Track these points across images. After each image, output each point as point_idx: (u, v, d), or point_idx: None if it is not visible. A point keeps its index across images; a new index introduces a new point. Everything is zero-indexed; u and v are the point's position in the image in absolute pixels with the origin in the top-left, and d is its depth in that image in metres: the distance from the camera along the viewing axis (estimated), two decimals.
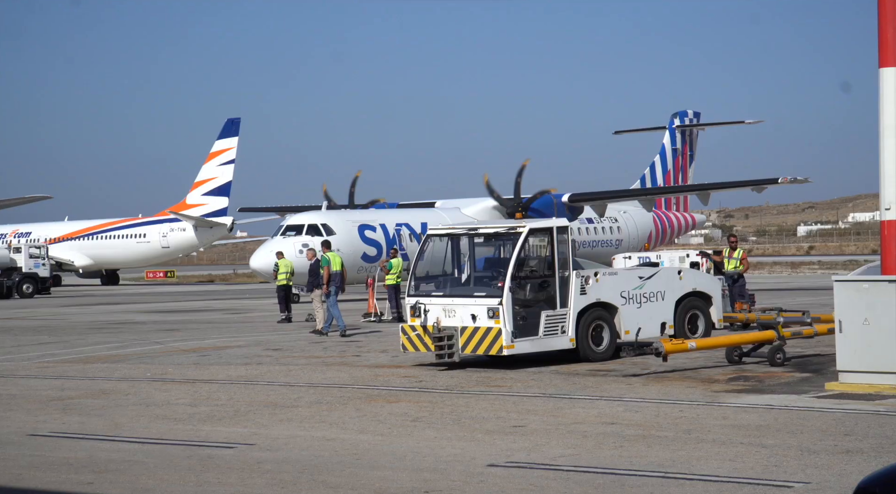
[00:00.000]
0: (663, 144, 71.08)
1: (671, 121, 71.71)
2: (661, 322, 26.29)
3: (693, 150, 72.53)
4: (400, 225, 57.33)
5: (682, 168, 71.70)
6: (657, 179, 70.29)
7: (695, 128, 72.23)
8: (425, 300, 24.83)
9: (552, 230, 24.83)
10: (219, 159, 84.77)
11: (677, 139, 71.29)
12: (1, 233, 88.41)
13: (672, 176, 70.94)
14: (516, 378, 22.83)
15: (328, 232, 53.17)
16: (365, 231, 55.39)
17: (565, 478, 13.61)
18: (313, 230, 53.41)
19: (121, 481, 14.09)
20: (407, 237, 56.77)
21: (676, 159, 71.32)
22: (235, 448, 16.06)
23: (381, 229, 56.06)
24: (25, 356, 29.80)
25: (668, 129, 71.37)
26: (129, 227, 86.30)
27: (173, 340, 33.64)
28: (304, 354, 28.47)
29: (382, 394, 21.01)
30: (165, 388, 22.61)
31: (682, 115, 72.03)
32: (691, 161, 72.36)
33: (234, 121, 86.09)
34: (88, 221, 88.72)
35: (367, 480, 13.77)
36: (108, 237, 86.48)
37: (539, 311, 24.44)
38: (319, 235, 52.54)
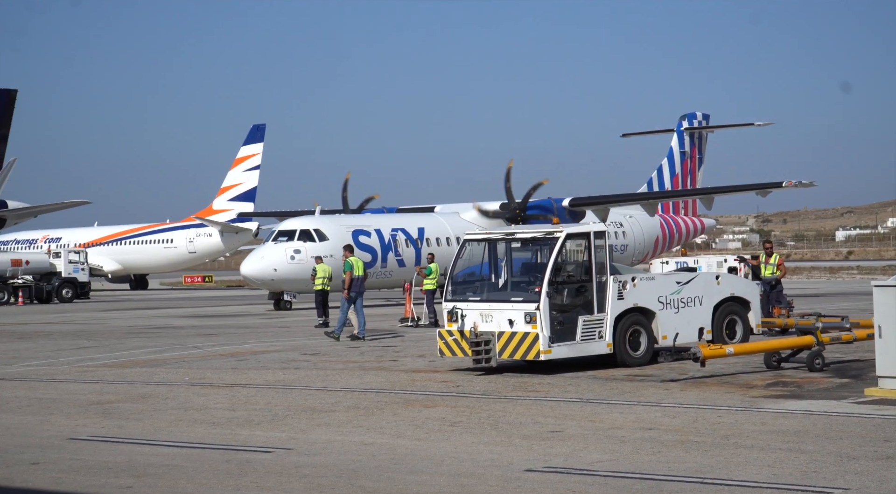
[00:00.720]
0: (671, 147, 70.03)
1: (679, 123, 70.64)
2: (699, 327, 26.20)
3: (702, 153, 71.40)
4: (396, 230, 56.24)
5: (690, 171, 70.53)
6: (665, 183, 69.13)
7: (704, 131, 71.11)
8: (462, 305, 24.83)
9: (589, 235, 24.80)
10: (244, 165, 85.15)
11: (686, 142, 70.21)
12: (32, 239, 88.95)
13: (680, 179, 69.81)
14: (553, 383, 22.81)
15: (321, 237, 52.57)
16: (359, 236, 54.25)
17: (603, 483, 13.59)
18: (305, 235, 52.61)
19: (160, 485, 14.16)
20: (403, 243, 55.89)
21: (685, 162, 70.22)
22: (273, 452, 16.11)
23: (376, 234, 55.02)
24: (65, 360, 29.98)
25: (676, 132, 70.30)
26: (156, 233, 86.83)
27: (211, 345, 33.76)
28: (342, 359, 28.53)
29: (420, 399, 21.03)
30: (204, 393, 22.70)
31: (691, 117, 70.93)
32: (700, 164, 71.20)
33: (260, 127, 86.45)
34: (117, 226, 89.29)
35: (405, 485, 13.79)
36: (136, 242, 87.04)
37: (576, 316, 24.41)
38: (312, 241, 52.15)
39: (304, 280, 51.36)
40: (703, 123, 71.15)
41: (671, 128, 71.06)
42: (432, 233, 57.38)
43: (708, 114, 71.80)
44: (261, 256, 52.63)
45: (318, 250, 51.72)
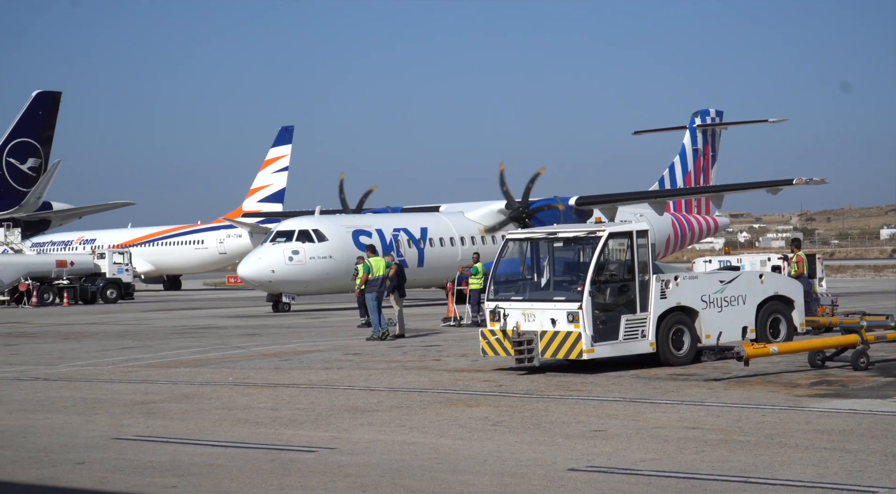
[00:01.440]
0: (683, 145, 69.13)
1: (692, 120, 69.69)
2: (743, 326, 26.08)
3: (715, 151, 70.42)
4: (398, 230, 55.14)
5: (703, 169, 69.60)
6: (677, 181, 68.20)
7: (717, 128, 70.09)
8: (505, 304, 24.82)
9: (632, 234, 24.75)
10: (273, 166, 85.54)
11: (698, 139, 69.26)
12: (67, 240, 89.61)
13: (693, 177, 68.82)
14: (596, 382, 22.77)
15: (320, 237, 51.76)
16: (360, 236, 53.02)
17: (646, 483, 13.56)
18: (304, 236, 51.73)
19: (204, 484, 14.23)
20: (405, 243, 54.79)
21: (698, 160, 69.30)
22: (317, 451, 16.16)
23: (377, 234, 53.83)
24: (110, 360, 30.16)
25: (689, 129, 69.38)
26: (187, 234, 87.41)
27: (254, 345, 33.88)
28: (384, 358, 28.57)
29: (462, 398, 21.04)
30: (247, 392, 22.79)
31: (704, 114, 69.94)
32: (713, 161, 70.23)
33: (288, 129, 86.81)
34: (150, 228, 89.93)
35: (448, 484, 13.80)
36: (168, 243, 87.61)
37: (619, 315, 24.35)
38: (311, 241, 51.40)
39: (303, 281, 51.20)
40: (716, 120, 70.17)
41: (683, 126, 70.17)
42: (436, 233, 56.35)
43: (721, 111, 70.89)
44: (258, 257, 51.56)
45: (318, 251, 51.24)
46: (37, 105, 76.33)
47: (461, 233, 56.98)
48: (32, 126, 75.97)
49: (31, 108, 76.13)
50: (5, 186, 74.99)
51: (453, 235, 56.81)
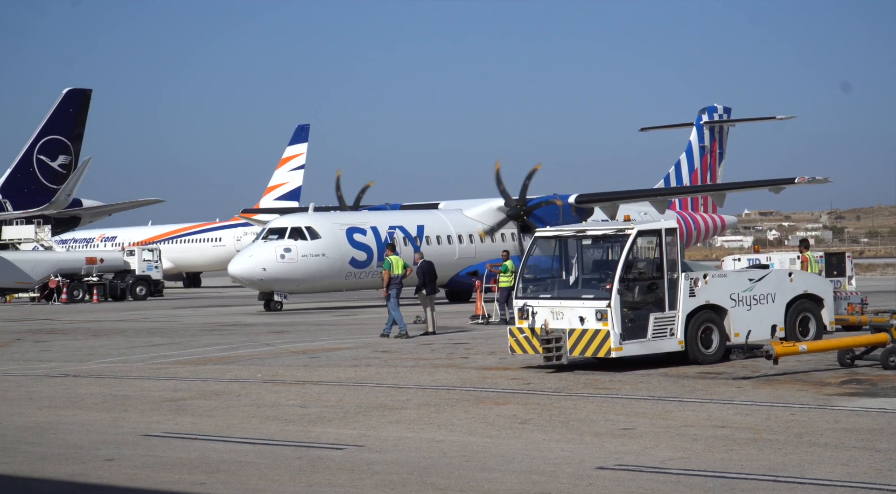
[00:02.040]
0: (690, 142, 68.32)
1: (699, 117, 68.96)
2: (772, 324, 25.98)
3: (723, 148, 69.59)
4: (393, 227, 53.94)
5: (710, 167, 68.76)
6: (683, 178, 67.36)
7: (724, 125, 69.30)
8: (533, 302, 24.80)
9: (661, 232, 24.71)
10: (290, 164, 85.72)
11: (705, 136, 68.50)
12: (89, 237, 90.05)
13: (700, 175, 68.06)
14: (625, 380, 22.74)
15: (313, 235, 50.92)
16: (354, 234, 52.27)
17: (675, 481, 13.54)
18: (297, 233, 50.87)
19: (232, 482, 14.27)
20: (401, 240, 53.45)
21: (704, 157, 68.49)
22: (345, 449, 16.18)
23: (371, 232, 52.84)
24: (139, 357, 30.27)
25: (696, 126, 68.62)
26: (206, 231, 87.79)
27: (283, 342, 33.95)
28: (413, 356, 28.59)
29: (491, 396, 21.04)
30: (276, 390, 22.84)
31: (711, 111, 69.12)
32: (721, 159, 69.44)
33: (304, 127, 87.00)
34: (169, 226, 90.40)
35: (476, 482, 13.80)
36: (187, 241, 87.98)
37: (647, 313, 24.31)
38: (304, 239, 50.60)
39: (295, 279, 50.45)
40: (724, 117, 69.35)
41: (690, 122, 69.40)
42: (433, 230, 55.36)
43: (729, 108, 70.11)
44: (249, 255, 50.77)
45: (311, 249, 50.61)
46: (67, 102, 76.66)
47: (459, 230, 56.12)
48: (63, 123, 76.32)
49: (62, 106, 76.47)
50: (36, 183, 75.36)
51: (451, 233, 55.87)
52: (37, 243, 71.93)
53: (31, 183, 75.35)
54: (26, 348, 34.02)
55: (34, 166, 75.56)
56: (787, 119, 69.61)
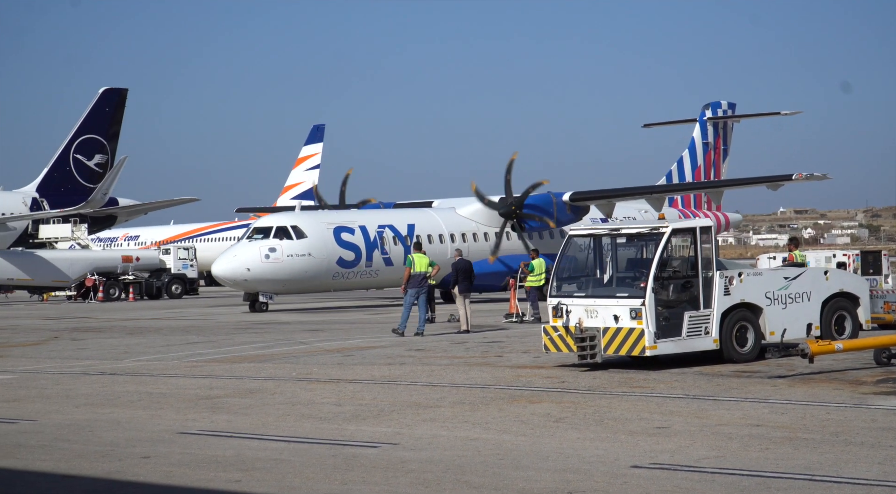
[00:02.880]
0: (693, 138, 67.28)
1: (702, 112, 67.87)
2: (807, 323, 25.89)
3: (727, 144, 68.47)
4: (383, 226, 52.87)
5: (714, 163, 67.58)
6: (685, 176, 66.30)
7: (729, 120, 68.21)
8: (567, 300, 24.78)
9: (695, 230, 24.65)
10: (306, 164, 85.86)
11: (709, 132, 67.36)
12: (113, 237, 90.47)
13: (703, 171, 66.88)
14: (659, 379, 22.70)
15: (298, 234, 49.96)
16: (341, 234, 51.23)
17: (710, 480, 13.52)
18: (282, 233, 49.89)
19: (267, 479, 14.33)
20: (391, 240, 52.65)
21: (708, 154, 67.34)
22: (379, 447, 16.22)
23: (360, 231, 51.81)
24: (175, 355, 30.40)
25: (699, 122, 67.53)
26: (225, 230, 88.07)
27: (317, 340, 34.02)
28: (447, 354, 28.61)
29: (525, 395, 21.04)
30: (311, 388, 22.90)
31: (715, 107, 67.99)
32: (725, 156, 68.34)
33: (319, 127, 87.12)
34: (190, 225, 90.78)
35: (511, 480, 13.81)
36: (207, 240, 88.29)
37: (682, 312, 24.26)
38: (289, 238, 49.66)
39: (280, 280, 49.51)
40: (727, 113, 68.28)
41: (693, 118, 68.40)
42: (424, 229, 54.20)
43: (734, 103, 69.05)
44: (233, 255, 49.79)
45: (296, 248, 49.80)
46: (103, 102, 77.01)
47: (451, 229, 55.12)
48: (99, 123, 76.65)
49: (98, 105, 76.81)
50: (72, 182, 75.71)
51: (443, 232, 54.84)
52: (73, 242, 72.27)
53: (67, 182, 75.71)
54: (63, 346, 34.23)
55: (71, 165, 75.91)
56: (792, 114, 68.51)
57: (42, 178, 75.61)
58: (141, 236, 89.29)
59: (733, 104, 69.10)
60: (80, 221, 73.03)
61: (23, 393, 23.22)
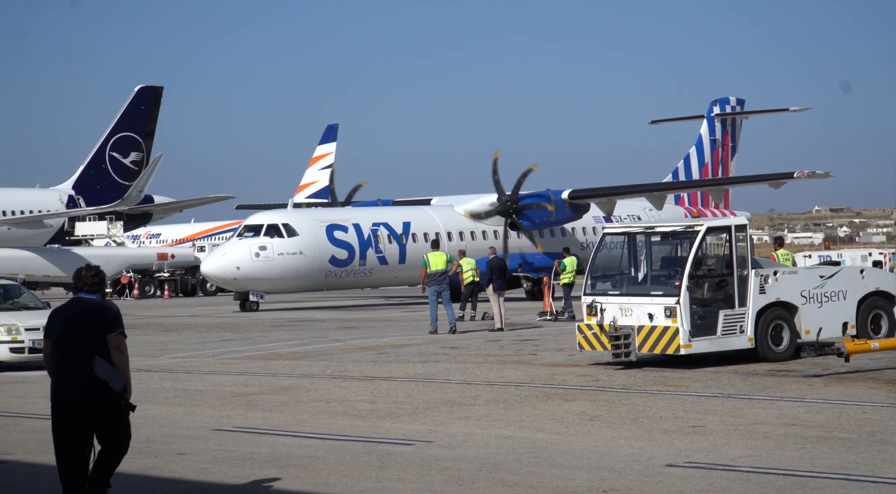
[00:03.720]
0: (700, 135, 66.18)
1: (710, 108, 66.71)
2: (843, 321, 25.77)
3: (735, 141, 67.19)
4: (377, 224, 51.83)
5: (722, 160, 66.41)
6: (692, 173, 65.21)
7: (737, 117, 66.98)
8: (602, 299, 24.76)
9: (731, 228, 24.58)
10: (320, 163, 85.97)
11: (717, 129, 66.21)
12: (136, 234, 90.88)
13: (710, 169, 65.78)
14: (694, 377, 22.64)
15: (290, 232, 49.06)
16: (334, 232, 50.26)
17: (745, 479, 13.48)
18: (273, 230, 49.02)
19: (302, 476, 14.37)
20: (385, 238, 51.68)
21: (716, 151, 66.17)
22: (414, 444, 16.24)
23: (353, 229, 50.86)
24: (210, 352, 30.52)
25: (707, 118, 66.47)
26: None
27: (352, 338, 34.09)
28: (481, 352, 28.62)
29: (559, 393, 21.03)
30: (345, 385, 22.95)
31: (723, 103, 66.80)
32: (734, 153, 67.15)
33: (333, 126, 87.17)
34: (210, 223, 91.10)
35: (545, 478, 13.81)
36: (227, 238, 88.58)
37: (717, 310, 24.20)
38: (280, 236, 48.81)
39: (271, 279, 48.73)
40: (737, 109, 67.13)
41: (701, 115, 67.40)
42: (420, 227, 53.13)
43: (743, 100, 67.88)
44: (223, 253, 49.13)
45: (287, 247, 48.89)
46: (139, 100, 77.35)
47: (448, 227, 54.11)
48: (135, 120, 76.99)
49: (134, 103, 77.16)
50: (108, 180, 76.07)
51: (439, 230, 53.62)
52: (109, 239, 72.63)
53: (103, 179, 76.07)
54: None
55: (107, 163, 76.28)
56: (801, 110, 67.53)
57: (78, 176, 76.02)
58: (163, 234, 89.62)
59: (742, 100, 67.98)
60: (115, 219, 73.37)
61: None
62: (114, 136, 76.38)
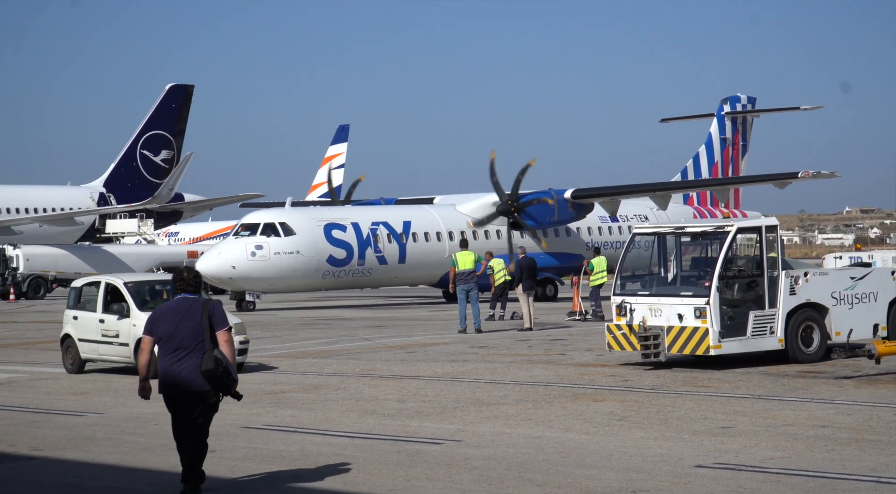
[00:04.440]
0: (710, 133, 65.29)
1: (720, 107, 65.80)
2: (874, 323, 25.65)
3: (746, 140, 66.30)
4: (377, 223, 50.91)
5: (732, 159, 65.50)
6: (701, 172, 64.31)
7: (748, 115, 66.06)
8: (631, 299, 24.72)
9: (761, 229, 24.52)
10: (331, 164, 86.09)
11: (727, 127, 65.30)
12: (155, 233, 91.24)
13: (720, 168, 64.87)
14: (723, 378, 22.59)
15: (287, 231, 48.22)
16: (332, 231, 49.37)
17: (775, 481, 13.45)
18: (270, 229, 48.18)
19: (331, 474, 14.41)
20: (385, 237, 50.74)
21: (726, 150, 65.23)
22: (443, 444, 16.26)
23: (352, 229, 49.93)
24: None
25: (717, 116, 65.61)
26: None
27: (381, 336, 34.12)
28: (510, 352, 28.62)
29: (588, 393, 21.02)
30: (374, 384, 22.98)
31: (734, 101, 65.90)
32: (744, 152, 66.23)
33: (344, 127, 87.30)
34: (227, 221, 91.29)
35: (574, 478, 13.81)
36: None
37: (747, 311, 24.13)
38: (277, 235, 47.96)
39: (267, 278, 47.97)
40: (747, 107, 66.20)
41: (711, 113, 66.47)
42: (420, 227, 52.18)
43: (754, 98, 66.96)
44: (218, 252, 48.36)
45: (284, 246, 48.08)
46: (170, 98, 77.68)
47: (450, 227, 53.01)
48: (166, 119, 77.35)
49: (165, 101, 77.50)
50: (139, 178, 76.47)
51: (440, 229, 52.72)
52: (140, 237, 72.95)
53: (134, 177, 76.47)
54: None
55: (137, 161, 76.67)
56: (813, 109, 66.65)
57: (109, 174, 76.42)
58: (181, 232, 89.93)
59: (753, 98, 67.06)
60: (146, 216, 73.70)
61: (90, 387, 23.48)
62: (145, 134, 76.75)
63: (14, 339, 35.27)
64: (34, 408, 20.56)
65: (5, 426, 18.63)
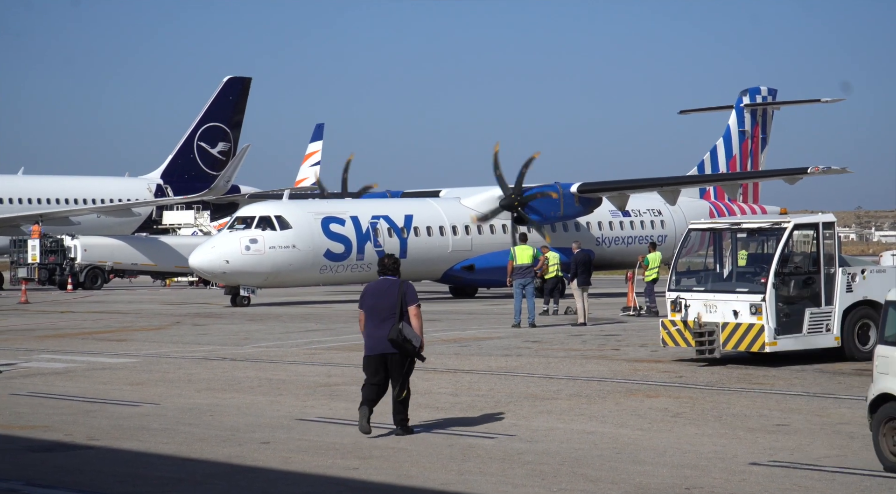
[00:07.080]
0: (728, 126, 63.62)
1: (739, 99, 64.07)
2: None
3: (766, 133, 64.48)
4: (377, 217, 49.30)
5: (751, 152, 63.72)
6: (719, 166, 62.72)
7: (768, 107, 64.26)
8: (686, 295, 24.63)
9: (818, 226, 24.36)
10: (310, 161, 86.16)
11: (746, 120, 63.54)
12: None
13: (739, 161, 63.28)
14: (778, 375, 22.46)
15: (283, 224, 46.67)
16: (330, 224, 47.84)
17: (830, 479, 13.37)
18: (265, 222, 46.61)
19: (385, 467, 14.45)
20: (385, 232, 49.19)
21: (745, 142, 63.50)
22: (496, 438, 16.27)
23: (351, 222, 48.33)
24: (294, 342, 30.73)
25: (735, 109, 63.87)
26: None
27: (435, 330, 34.12)
28: (563, 347, 28.58)
29: (642, 389, 20.96)
30: (427, 377, 23.00)
31: (754, 93, 64.01)
32: (764, 145, 64.40)
33: (320, 125, 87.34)
34: None
35: (627, 474, 13.78)
36: None
37: (803, 308, 23.99)
38: (272, 229, 46.42)
39: (262, 273, 46.67)
40: (768, 99, 64.34)
41: (730, 105, 64.77)
42: (422, 221, 50.61)
43: (775, 89, 65.07)
44: (212, 246, 46.92)
45: (279, 240, 46.58)
46: (227, 90, 78.08)
47: (453, 221, 51.49)
48: (223, 111, 77.76)
49: (222, 93, 77.90)
50: (196, 169, 76.91)
51: (443, 223, 51.21)
52: (196, 228, 73.36)
53: (191, 169, 76.93)
54: (185, 331, 34.77)
55: (194, 153, 77.12)
56: (834, 101, 65.47)
57: (166, 165, 76.92)
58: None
59: (774, 90, 65.26)
60: (202, 208, 74.10)
61: (146, 377, 23.66)
62: (202, 126, 77.20)
63: (71, 329, 35.60)
64: (91, 398, 20.75)
65: (62, 415, 18.81)
